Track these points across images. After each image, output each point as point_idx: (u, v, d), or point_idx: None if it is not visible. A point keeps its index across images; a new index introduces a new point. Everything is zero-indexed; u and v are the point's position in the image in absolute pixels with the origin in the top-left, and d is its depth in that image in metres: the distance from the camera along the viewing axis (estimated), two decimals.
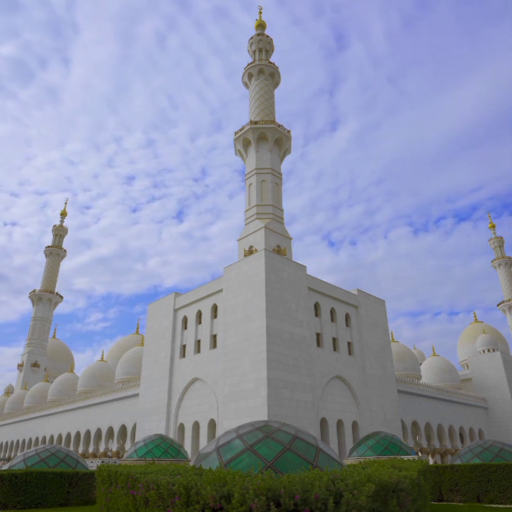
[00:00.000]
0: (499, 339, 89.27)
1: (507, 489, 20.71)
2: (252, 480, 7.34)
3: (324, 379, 38.82)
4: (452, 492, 22.49)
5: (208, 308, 42.39)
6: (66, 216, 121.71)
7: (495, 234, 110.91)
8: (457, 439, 61.08)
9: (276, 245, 46.81)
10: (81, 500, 21.20)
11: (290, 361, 35.64)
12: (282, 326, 36.19)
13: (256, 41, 61.91)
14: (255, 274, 37.46)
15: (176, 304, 46.36)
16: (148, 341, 48.88)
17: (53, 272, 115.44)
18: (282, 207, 52.02)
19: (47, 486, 20.38)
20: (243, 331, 36.64)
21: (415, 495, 9.84)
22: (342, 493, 7.18)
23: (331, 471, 8.26)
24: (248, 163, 53.97)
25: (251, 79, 59.58)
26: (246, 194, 52.65)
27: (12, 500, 19.56)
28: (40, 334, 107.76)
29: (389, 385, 46.23)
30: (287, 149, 55.60)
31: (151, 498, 8.51)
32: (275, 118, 56.80)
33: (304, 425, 34.03)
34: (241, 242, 48.79)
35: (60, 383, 75.30)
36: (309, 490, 7.06)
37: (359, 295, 47.04)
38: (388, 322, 50.19)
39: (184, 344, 44.05)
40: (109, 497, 11.49)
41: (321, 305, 41.90)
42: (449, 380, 70.17)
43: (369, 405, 42.57)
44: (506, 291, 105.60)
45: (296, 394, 35.01)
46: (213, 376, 38.94)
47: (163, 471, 9.96)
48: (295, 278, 39.51)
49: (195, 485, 7.57)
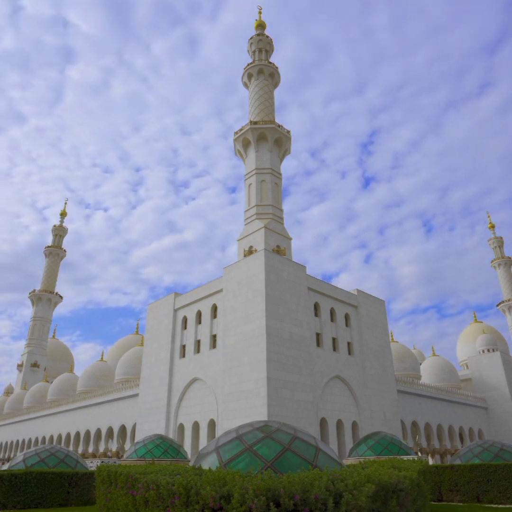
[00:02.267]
0: (499, 339, 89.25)
1: (506, 489, 20.70)
2: (252, 480, 7.34)
3: (324, 379, 38.82)
4: (452, 492, 22.48)
5: (208, 308, 42.39)
6: (66, 216, 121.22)
7: (494, 234, 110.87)
8: (456, 439, 61.08)
9: (276, 245, 46.82)
10: (81, 500, 21.18)
11: (290, 361, 35.64)
12: (282, 326, 36.19)
13: (256, 41, 61.92)
14: (255, 274, 37.46)
15: (176, 304, 46.36)
16: (148, 341, 48.88)
17: (53, 272, 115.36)
18: (282, 207, 52.04)
19: (47, 486, 20.35)
20: (243, 331, 36.63)
21: (415, 495, 9.83)
22: (342, 493, 7.17)
23: (331, 471, 8.26)
24: (248, 163, 53.98)
25: (251, 79, 59.58)
26: (246, 194, 52.68)
27: (11, 500, 19.54)
28: (40, 334, 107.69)
29: (389, 385, 46.23)
30: (287, 149, 55.62)
31: (151, 498, 8.51)
32: (275, 118, 56.80)
33: (304, 425, 34.03)
34: (241, 242, 48.80)
35: (60, 383, 75.28)
36: (309, 490, 7.05)
37: (359, 295, 47.05)
38: (388, 322, 50.23)
39: (184, 344, 44.06)
40: (109, 497, 11.49)
41: (321, 305, 41.91)
42: (449, 380, 70.14)
43: (369, 405, 42.57)
44: (506, 291, 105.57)
45: (296, 394, 35.01)
46: (213, 376, 38.94)
47: (162, 471, 9.96)
48: (295, 278, 39.52)
49: (194, 485, 7.57)
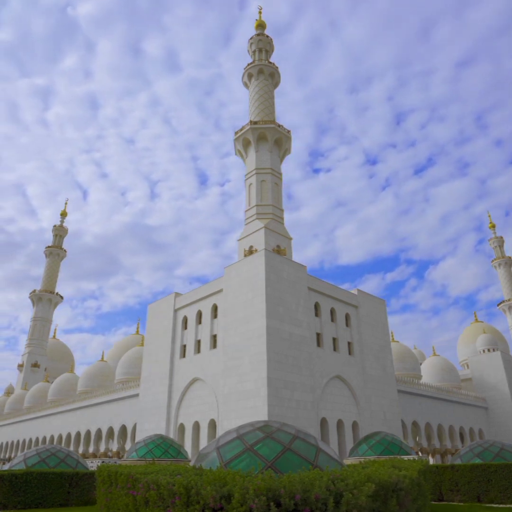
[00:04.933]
0: (499, 339, 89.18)
1: (507, 489, 20.68)
2: (252, 480, 7.34)
3: (324, 379, 38.82)
4: (452, 492, 22.47)
5: (208, 308, 42.40)
6: (66, 216, 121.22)
7: (495, 234, 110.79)
8: (457, 439, 61.07)
9: (276, 245, 46.81)
10: (81, 500, 21.18)
11: (290, 361, 35.64)
12: (282, 326, 36.19)
13: (256, 41, 61.90)
14: (255, 274, 37.46)
15: (176, 304, 46.37)
16: (148, 341, 48.89)
17: (53, 273, 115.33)
18: (282, 207, 52.03)
19: (47, 486, 20.35)
20: (243, 331, 36.64)
21: (415, 495, 9.83)
22: (342, 493, 7.17)
23: (331, 471, 8.26)
24: (248, 163, 53.98)
25: (251, 79, 59.57)
26: (246, 194, 52.67)
27: (12, 500, 19.54)
28: (40, 334, 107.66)
29: (389, 385, 46.23)
30: (287, 149, 55.63)
31: (151, 498, 8.51)
32: (275, 118, 56.80)
33: (304, 425, 34.03)
34: (241, 242, 48.80)
35: (60, 383, 75.29)
36: (309, 490, 7.05)
37: (359, 295, 47.04)
38: (388, 322, 50.22)
39: (184, 344, 44.06)
40: (109, 497, 11.50)
41: (321, 305, 41.91)
42: (449, 380, 70.12)
43: (369, 405, 42.56)
44: (506, 291, 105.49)
45: (296, 394, 35.02)
46: (213, 376, 38.95)
47: (163, 471, 9.96)
48: (295, 278, 39.52)
49: (195, 485, 7.57)
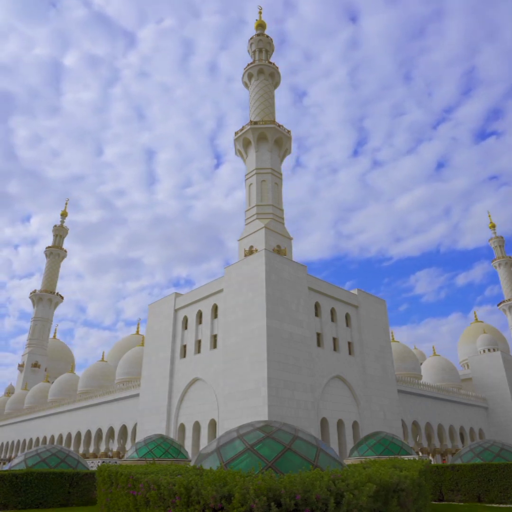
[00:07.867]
0: (499, 339, 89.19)
1: (507, 489, 20.67)
2: (253, 480, 7.33)
3: (324, 379, 38.81)
4: (453, 492, 22.46)
5: (208, 308, 42.40)
6: (66, 216, 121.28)
7: (495, 234, 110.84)
8: (457, 439, 61.07)
9: (276, 245, 46.80)
10: (82, 501, 21.18)
11: (290, 361, 35.63)
12: (282, 326, 36.18)
13: (256, 41, 61.88)
14: (256, 274, 37.46)
15: (177, 304, 46.37)
16: (148, 341, 48.88)
17: (54, 273, 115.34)
18: (282, 207, 52.03)
19: (48, 486, 20.34)
20: (243, 331, 36.63)
21: (416, 495, 9.82)
22: (343, 493, 7.17)
23: (332, 471, 8.25)
24: (248, 163, 53.98)
25: (251, 79, 59.55)
26: (246, 194, 52.66)
27: (12, 500, 19.54)
28: (41, 334, 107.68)
29: (389, 385, 46.21)
30: (287, 149, 55.62)
31: (152, 498, 8.51)
32: (275, 118, 56.79)
33: (305, 425, 34.02)
34: (241, 242, 48.80)
35: (60, 383, 75.26)
36: (310, 490, 7.05)
37: (359, 295, 47.03)
38: (388, 322, 50.19)
39: (185, 344, 44.06)
40: (109, 497, 11.49)
41: (321, 305, 41.90)
42: (449, 380, 70.12)
43: (370, 405, 42.55)
44: (506, 291, 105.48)
45: (296, 394, 35.01)
46: (214, 376, 38.94)
47: (163, 471, 9.96)
48: (295, 278, 39.51)
49: (195, 485, 7.57)
